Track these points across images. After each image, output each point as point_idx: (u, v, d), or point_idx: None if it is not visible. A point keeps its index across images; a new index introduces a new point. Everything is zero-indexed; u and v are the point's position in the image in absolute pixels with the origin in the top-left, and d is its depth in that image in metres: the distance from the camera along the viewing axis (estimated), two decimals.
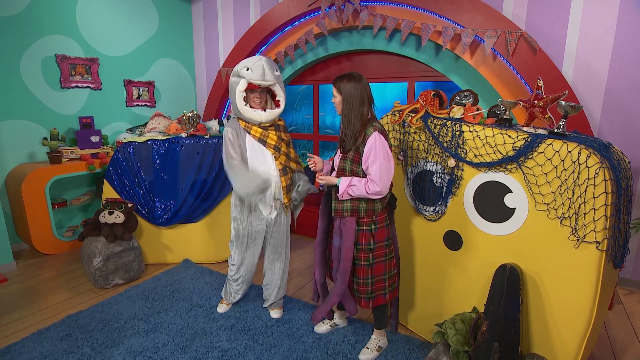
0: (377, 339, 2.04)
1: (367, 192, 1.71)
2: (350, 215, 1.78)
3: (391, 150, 1.76)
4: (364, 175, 1.75)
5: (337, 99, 1.80)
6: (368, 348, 2.01)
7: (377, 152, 1.68)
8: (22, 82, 3.27)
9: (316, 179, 1.86)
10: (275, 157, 2.12)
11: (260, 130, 2.10)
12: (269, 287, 2.36)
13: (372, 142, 1.69)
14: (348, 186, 1.74)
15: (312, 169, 1.94)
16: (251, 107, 2.08)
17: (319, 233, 1.98)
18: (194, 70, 4.74)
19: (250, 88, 2.04)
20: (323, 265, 2.02)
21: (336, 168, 1.86)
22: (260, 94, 2.09)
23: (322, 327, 2.21)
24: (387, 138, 1.74)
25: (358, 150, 1.73)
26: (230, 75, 2.12)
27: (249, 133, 2.09)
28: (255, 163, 2.10)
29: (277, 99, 2.15)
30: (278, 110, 2.13)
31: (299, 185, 2.19)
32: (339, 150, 1.85)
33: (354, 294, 1.90)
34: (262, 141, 2.10)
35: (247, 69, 1.99)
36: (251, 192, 2.02)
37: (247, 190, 2.01)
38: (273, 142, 2.11)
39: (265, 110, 2.09)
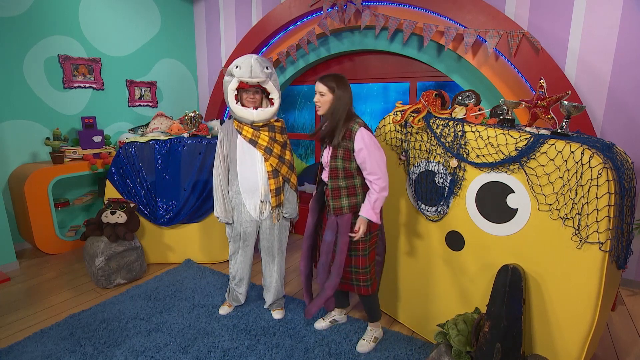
0: (372, 330, 2.08)
1: (380, 193, 1.75)
2: (349, 211, 1.82)
3: (394, 149, 1.81)
4: (357, 171, 1.81)
5: (326, 97, 1.80)
6: (364, 340, 2.04)
7: (368, 147, 1.73)
8: (25, 82, 3.29)
9: (353, 238, 1.82)
10: (265, 158, 2.09)
11: (251, 130, 2.07)
12: (267, 288, 2.36)
13: (361, 138, 1.73)
14: (373, 210, 1.76)
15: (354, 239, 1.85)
16: (244, 106, 2.07)
17: (307, 228, 2.02)
18: (196, 71, 4.75)
19: (243, 87, 2.04)
20: (309, 258, 2.07)
21: (326, 168, 1.87)
22: (253, 93, 2.06)
23: (322, 324, 2.22)
24: (370, 131, 1.80)
25: (347, 148, 1.77)
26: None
27: (240, 134, 2.08)
28: (243, 165, 2.10)
29: (270, 97, 2.11)
30: (271, 109, 2.08)
31: (285, 211, 2.23)
32: (328, 149, 1.87)
33: (352, 285, 1.94)
34: (253, 142, 2.07)
35: (237, 67, 1.99)
36: (221, 220, 2.20)
37: (219, 220, 2.19)
38: (264, 143, 2.07)
39: (257, 110, 2.06)
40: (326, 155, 1.88)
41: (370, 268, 1.93)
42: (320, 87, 1.81)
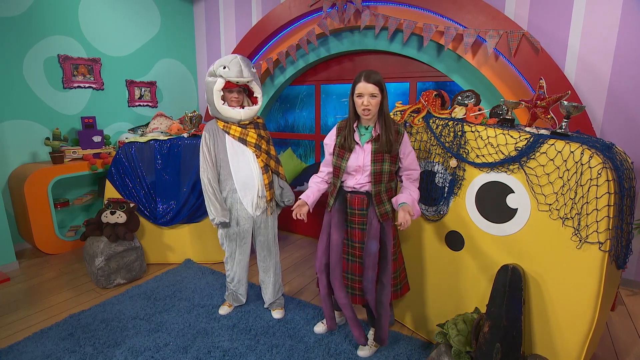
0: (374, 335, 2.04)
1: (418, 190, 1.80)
2: (392, 215, 1.80)
3: None
4: (396, 173, 1.81)
5: (377, 98, 1.62)
6: (366, 345, 2.02)
7: (412, 150, 1.79)
8: (25, 82, 3.28)
9: (400, 229, 1.66)
10: (256, 155, 2.14)
11: (239, 129, 2.11)
12: (265, 285, 2.36)
13: (408, 139, 1.78)
14: (414, 205, 1.69)
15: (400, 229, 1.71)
16: (229, 106, 2.10)
17: (336, 251, 1.79)
18: (195, 71, 4.75)
19: (228, 87, 2.06)
20: (345, 288, 1.85)
21: (360, 173, 1.74)
22: (237, 93, 2.10)
23: (322, 327, 2.21)
24: None
25: (395, 150, 1.73)
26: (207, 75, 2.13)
27: (228, 133, 2.10)
28: (236, 163, 2.12)
29: (254, 95, 2.18)
30: (256, 107, 2.16)
31: (286, 199, 2.30)
32: (362, 152, 1.72)
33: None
34: (243, 140, 2.12)
35: (224, 68, 2.00)
36: (217, 223, 2.14)
37: (216, 221, 2.12)
38: (253, 141, 2.13)
39: (243, 108, 2.11)
40: (361, 159, 1.71)
41: (400, 272, 1.93)
42: (370, 88, 1.59)
